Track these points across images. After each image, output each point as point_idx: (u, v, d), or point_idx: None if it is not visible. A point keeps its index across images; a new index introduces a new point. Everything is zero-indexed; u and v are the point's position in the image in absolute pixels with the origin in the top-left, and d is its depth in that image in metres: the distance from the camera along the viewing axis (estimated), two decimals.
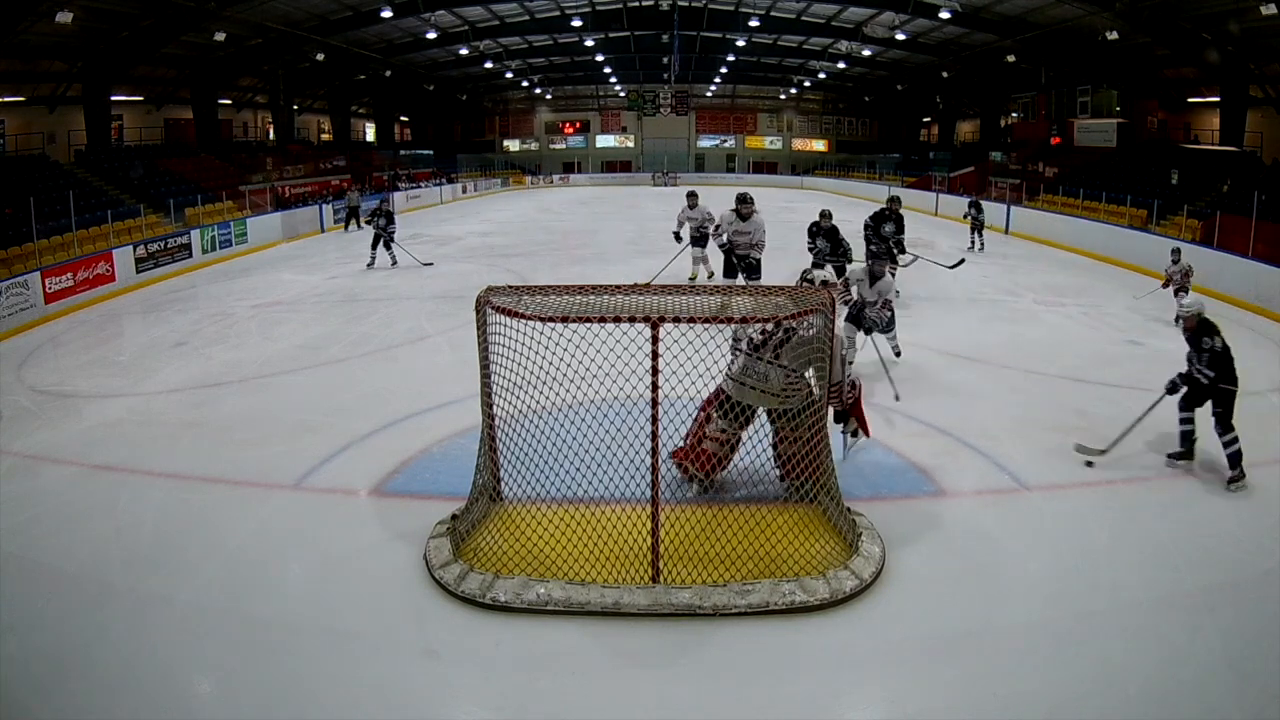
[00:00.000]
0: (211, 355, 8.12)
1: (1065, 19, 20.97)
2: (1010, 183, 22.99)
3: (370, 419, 5.95)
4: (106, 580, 3.89)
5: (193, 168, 20.85)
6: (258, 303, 10.90)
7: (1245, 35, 17.51)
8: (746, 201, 9.03)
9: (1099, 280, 12.68)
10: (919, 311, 10.06)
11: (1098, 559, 4.08)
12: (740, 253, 9.13)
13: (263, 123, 29.94)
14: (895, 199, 11.19)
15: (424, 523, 4.24)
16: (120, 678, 3.19)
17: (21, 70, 18.43)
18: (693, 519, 4.08)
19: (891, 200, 11.04)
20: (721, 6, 28.70)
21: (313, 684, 3.18)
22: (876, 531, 4.11)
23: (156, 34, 19.06)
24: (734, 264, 9.56)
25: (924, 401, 6.26)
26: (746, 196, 9.14)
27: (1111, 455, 5.21)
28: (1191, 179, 17.97)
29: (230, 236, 16.10)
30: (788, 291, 4.32)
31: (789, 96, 42.50)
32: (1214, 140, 20.12)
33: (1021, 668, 3.26)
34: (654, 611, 3.55)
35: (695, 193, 10.95)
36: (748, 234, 9.05)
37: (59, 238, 13.32)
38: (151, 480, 5.04)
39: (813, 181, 38.78)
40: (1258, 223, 12.39)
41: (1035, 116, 27.74)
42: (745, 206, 8.97)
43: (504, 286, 4.26)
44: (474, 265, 13.17)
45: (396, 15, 23.45)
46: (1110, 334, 8.94)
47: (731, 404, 4.43)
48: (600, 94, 43.42)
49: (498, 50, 32.12)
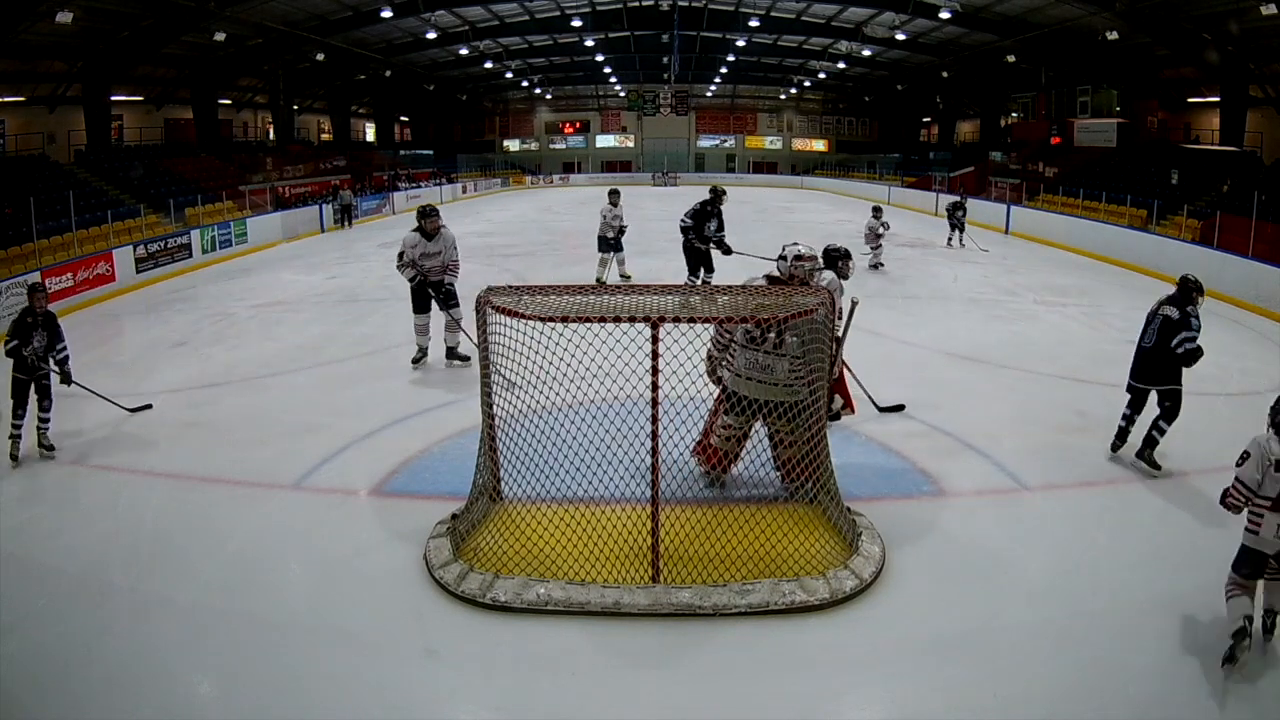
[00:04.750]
0: (211, 355, 8.12)
1: (1065, 19, 20.98)
2: (1010, 183, 23.01)
3: (370, 419, 5.95)
4: (106, 580, 3.89)
5: (193, 168, 20.87)
6: (258, 303, 10.90)
7: (1245, 35, 17.52)
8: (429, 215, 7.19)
9: (1099, 280, 12.68)
10: (919, 311, 10.07)
11: (1098, 559, 4.09)
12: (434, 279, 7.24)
13: (263, 123, 29.96)
14: (720, 191, 9.89)
15: (424, 523, 4.24)
16: (120, 677, 3.18)
17: (21, 70, 18.44)
18: (693, 519, 4.08)
19: (715, 192, 9.82)
20: (721, 6, 28.73)
21: (313, 684, 3.18)
22: (876, 531, 4.11)
23: (156, 34, 19.07)
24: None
25: (924, 401, 6.25)
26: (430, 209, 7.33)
27: (1111, 455, 5.23)
28: (1191, 179, 17.98)
29: (230, 236, 16.10)
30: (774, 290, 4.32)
31: (789, 96, 42.54)
32: (1214, 140, 20.14)
33: (1021, 668, 3.25)
34: (654, 611, 3.55)
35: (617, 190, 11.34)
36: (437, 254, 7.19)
37: (59, 238, 13.34)
38: (151, 480, 5.04)
39: (813, 181, 38.82)
40: (1258, 223, 12.40)
41: (1035, 116, 27.75)
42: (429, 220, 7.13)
43: (504, 286, 4.26)
44: (474, 265, 13.12)
45: (396, 15, 23.48)
46: (1110, 334, 8.93)
47: (737, 399, 4.43)
48: (600, 94, 43.45)
49: (498, 50, 32.14)
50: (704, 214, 9.56)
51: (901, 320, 9.38)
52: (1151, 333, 4.98)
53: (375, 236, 18.50)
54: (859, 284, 8.49)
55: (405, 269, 7.15)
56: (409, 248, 7.10)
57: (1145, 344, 5.03)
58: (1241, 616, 3.17)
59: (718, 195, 9.72)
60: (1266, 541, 3.16)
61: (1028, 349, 8.12)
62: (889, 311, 9.68)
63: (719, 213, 9.68)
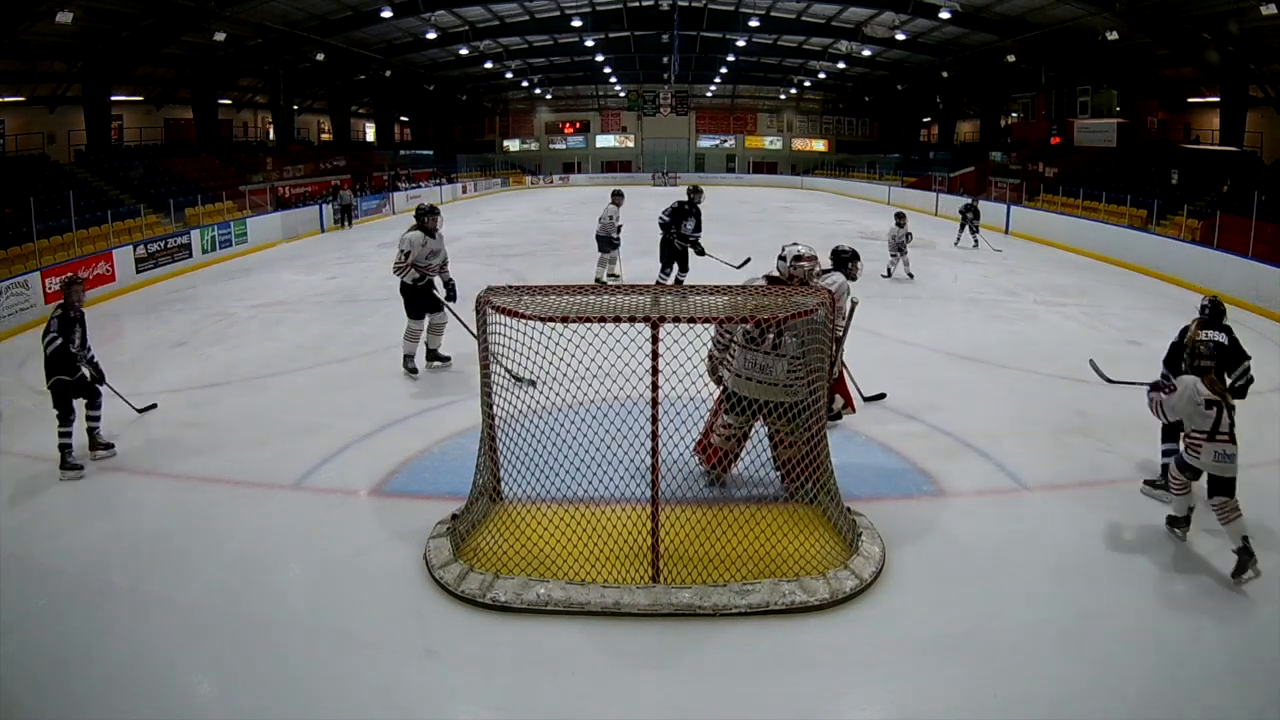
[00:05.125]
0: (211, 355, 8.12)
1: (1065, 19, 20.98)
2: (1010, 183, 23.00)
3: (370, 419, 5.95)
4: (107, 580, 3.89)
5: (193, 168, 20.87)
6: (258, 303, 10.90)
7: (1245, 35, 17.52)
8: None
9: (1099, 280, 12.68)
10: (919, 311, 10.07)
11: (1098, 559, 4.09)
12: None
13: (263, 123, 29.97)
14: (697, 190, 10.07)
15: (424, 523, 4.24)
16: (120, 678, 3.19)
17: (21, 70, 18.45)
18: (693, 519, 4.08)
19: (693, 192, 9.99)
20: (721, 6, 28.72)
21: (313, 684, 3.18)
22: (876, 531, 4.11)
23: (156, 34, 19.07)
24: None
25: (924, 401, 6.26)
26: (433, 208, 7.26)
27: (1112, 455, 5.22)
28: (1191, 179, 17.98)
29: (230, 236, 16.09)
30: (774, 290, 4.32)
31: (789, 96, 42.54)
32: (1214, 140, 20.14)
33: (1021, 668, 3.26)
34: (654, 611, 3.55)
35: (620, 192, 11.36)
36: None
37: (59, 238, 13.34)
38: (151, 480, 5.04)
39: (812, 181, 38.81)
40: (1258, 223, 12.39)
41: (1035, 116, 27.75)
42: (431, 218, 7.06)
43: (504, 286, 4.26)
44: (474, 265, 13.15)
45: (396, 15, 23.47)
46: (1110, 334, 8.94)
47: (737, 398, 4.43)
48: (600, 94, 43.45)
49: (498, 50, 32.14)
50: (681, 212, 9.82)
51: (901, 320, 9.38)
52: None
53: (375, 236, 18.50)
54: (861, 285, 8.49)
55: (407, 270, 6.86)
56: (416, 247, 6.84)
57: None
58: (1185, 507, 4.21)
59: (695, 195, 9.97)
60: (1205, 463, 3.99)
61: (1028, 349, 8.12)
62: (889, 311, 9.68)
63: (697, 213, 9.93)
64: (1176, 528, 4.28)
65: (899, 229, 12.15)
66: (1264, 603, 3.69)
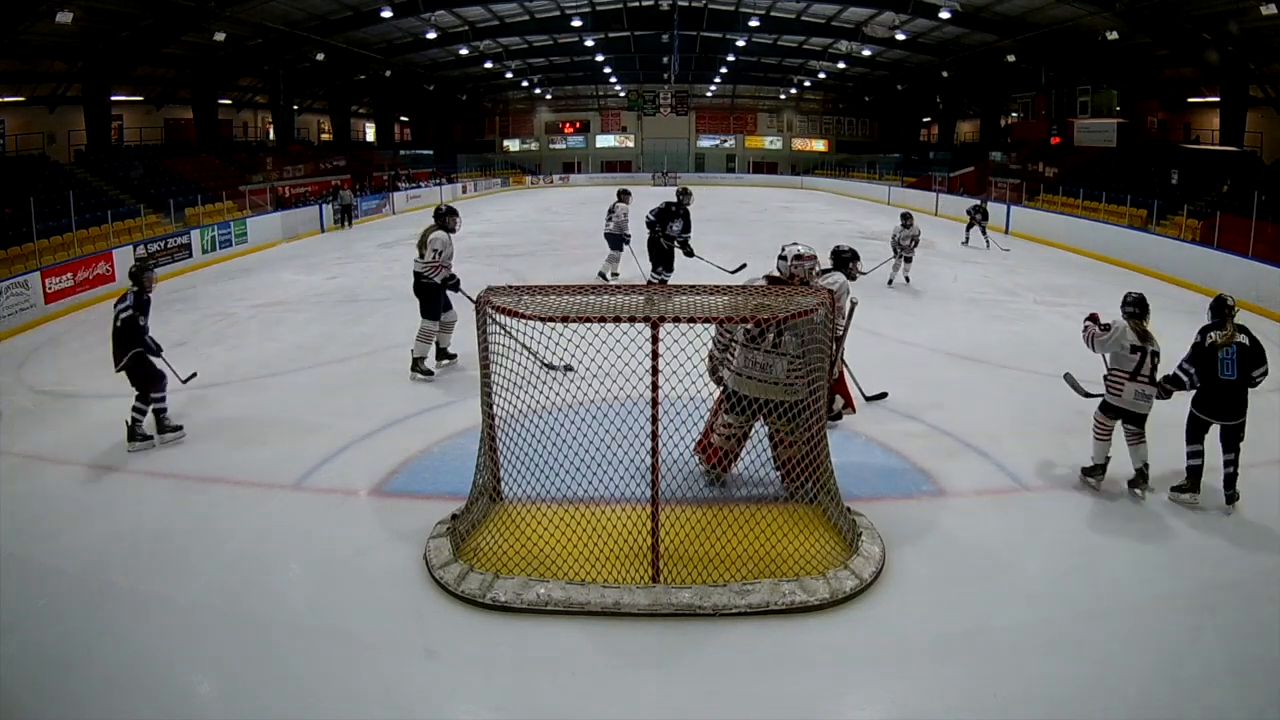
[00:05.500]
0: (211, 355, 8.10)
1: (1065, 19, 20.99)
2: (1010, 183, 23.01)
3: (370, 419, 5.95)
4: (107, 580, 3.89)
5: (193, 168, 20.87)
6: (258, 303, 10.90)
7: (1245, 35, 17.52)
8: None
9: (1099, 280, 12.67)
10: (919, 311, 10.07)
11: (1097, 559, 4.09)
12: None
13: (263, 123, 29.97)
14: (686, 192, 10.18)
15: (424, 523, 4.24)
16: (120, 678, 3.19)
17: (21, 70, 18.45)
18: (693, 519, 4.08)
19: (682, 194, 10.11)
20: (721, 6, 28.72)
21: (313, 684, 3.18)
22: (876, 531, 4.11)
23: (156, 34, 19.08)
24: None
25: (924, 401, 6.26)
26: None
27: (1112, 455, 5.21)
28: (1191, 179, 17.98)
29: (230, 236, 16.09)
30: (774, 290, 4.32)
31: (789, 96, 42.53)
32: (1214, 140, 20.14)
33: (1021, 668, 3.26)
34: (654, 611, 3.55)
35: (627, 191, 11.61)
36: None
37: (59, 238, 13.34)
38: (151, 480, 5.04)
39: (812, 181, 38.80)
40: (1258, 223, 12.39)
41: (1035, 116, 27.75)
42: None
43: (504, 286, 4.26)
44: (474, 265, 13.13)
45: (396, 15, 23.48)
46: None
47: (737, 397, 4.43)
48: (600, 94, 43.44)
49: (498, 50, 32.14)
50: (668, 213, 9.94)
51: (901, 320, 9.38)
52: (1230, 364, 4.57)
53: (375, 236, 18.50)
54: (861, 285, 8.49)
55: (442, 270, 6.83)
56: (447, 246, 6.89)
57: (1229, 375, 4.56)
58: (1103, 455, 4.67)
59: (684, 197, 10.07)
60: (1126, 401, 4.50)
61: (1028, 349, 8.12)
62: (889, 311, 9.68)
63: (686, 214, 10.02)
64: (1091, 476, 4.58)
65: (904, 229, 11.53)
66: (1264, 603, 3.70)
